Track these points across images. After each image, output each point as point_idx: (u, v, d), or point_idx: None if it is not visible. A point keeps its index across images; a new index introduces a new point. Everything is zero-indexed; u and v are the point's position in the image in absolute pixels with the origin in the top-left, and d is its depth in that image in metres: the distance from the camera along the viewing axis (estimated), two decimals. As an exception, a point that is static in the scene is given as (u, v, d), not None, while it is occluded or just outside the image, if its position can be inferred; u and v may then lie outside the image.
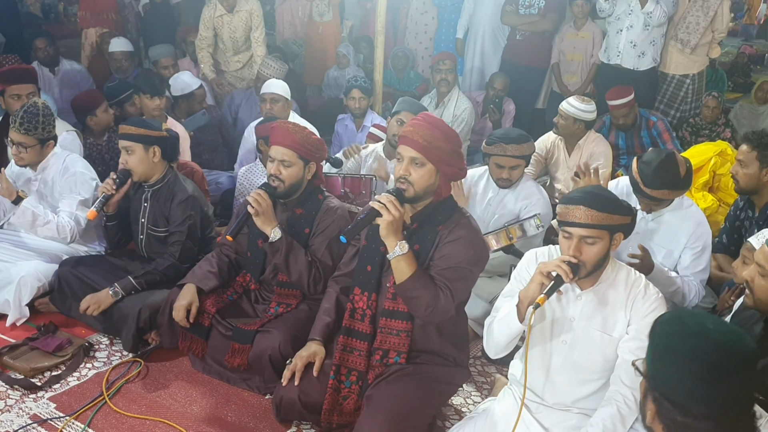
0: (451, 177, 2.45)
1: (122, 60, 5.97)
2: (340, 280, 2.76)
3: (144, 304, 3.16)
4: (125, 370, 3.05)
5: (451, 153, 2.38)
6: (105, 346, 3.25)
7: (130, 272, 3.34)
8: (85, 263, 3.48)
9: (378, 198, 2.32)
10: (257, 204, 2.78)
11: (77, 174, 3.58)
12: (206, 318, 3.00)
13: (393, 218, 2.28)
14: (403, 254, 2.32)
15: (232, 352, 2.91)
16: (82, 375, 3.02)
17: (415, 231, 2.44)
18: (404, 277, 2.34)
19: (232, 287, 3.15)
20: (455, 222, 2.44)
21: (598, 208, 2.08)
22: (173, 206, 3.38)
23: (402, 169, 2.37)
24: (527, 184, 3.58)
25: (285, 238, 2.86)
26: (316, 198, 3.06)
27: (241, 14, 5.94)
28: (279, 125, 2.98)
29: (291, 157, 2.90)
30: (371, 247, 2.50)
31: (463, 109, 5.41)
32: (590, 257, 2.11)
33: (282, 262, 2.88)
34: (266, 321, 2.94)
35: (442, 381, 2.55)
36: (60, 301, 3.45)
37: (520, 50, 6.13)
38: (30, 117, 3.43)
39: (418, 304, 2.35)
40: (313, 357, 2.60)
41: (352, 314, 2.56)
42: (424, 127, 2.36)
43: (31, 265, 3.47)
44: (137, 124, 3.34)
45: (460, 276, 2.39)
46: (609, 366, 2.18)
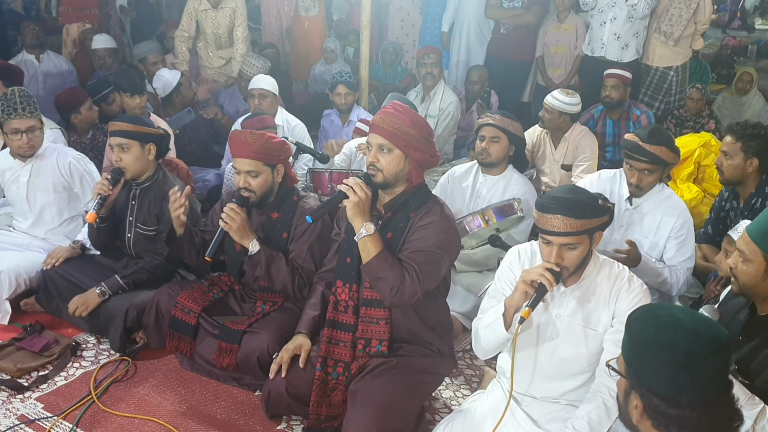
0: (422, 164, 2.47)
1: (105, 57, 5.93)
2: (325, 276, 2.77)
3: (131, 304, 3.14)
4: (113, 369, 3.04)
5: (419, 138, 2.41)
6: (92, 346, 3.23)
7: (117, 271, 3.31)
8: (71, 262, 3.45)
9: (346, 181, 2.35)
10: (231, 220, 2.76)
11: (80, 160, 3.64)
12: (192, 317, 2.98)
13: (359, 199, 2.32)
14: (369, 235, 2.34)
15: (220, 352, 2.91)
16: (70, 375, 3.00)
17: (389, 219, 2.47)
18: (370, 256, 2.36)
19: (218, 285, 3.14)
20: (427, 208, 2.46)
21: (576, 216, 2.06)
22: (164, 205, 3.32)
23: (371, 156, 2.41)
24: (514, 176, 3.59)
25: (264, 250, 2.84)
26: (290, 200, 3.02)
27: (225, 11, 5.89)
28: (236, 136, 2.92)
29: (256, 166, 2.87)
30: (350, 239, 2.52)
31: (449, 102, 5.42)
32: (572, 262, 2.12)
33: (264, 274, 2.87)
34: (254, 320, 2.93)
35: (427, 371, 2.56)
36: (46, 301, 3.43)
37: (505, 44, 6.15)
38: (28, 98, 3.39)
39: (384, 285, 2.36)
40: (299, 349, 2.63)
41: (335, 306, 2.58)
42: (391, 114, 2.40)
43: (11, 259, 3.43)
44: (133, 121, 3.29)
45: (428, 260, 2.39)
46: (595, 359, 2.20)
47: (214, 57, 6.10)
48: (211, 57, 6.10)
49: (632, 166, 3.03)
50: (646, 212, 3.09)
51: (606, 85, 4.95)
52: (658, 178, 3.04)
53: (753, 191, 3.39)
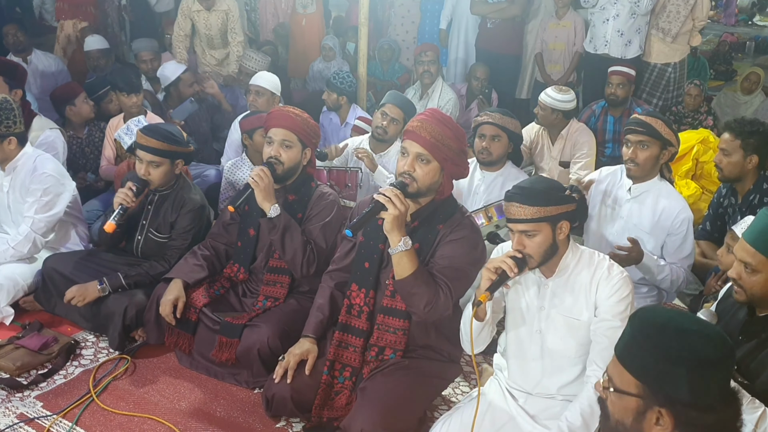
0: (454, 176, 2.45)
1: (99, 58, 5.92)
2: (334, 275, 2.73)
3: (130, 302, 3.14)
4: (112, 368, 3.04)
5: (458, 152, 2.38)
6: (91, 344, 3.23)
7: (117, 270, 3.30)
8: (71, 260, 3.44)
9: (383, 191, 2.28)
10: (259, 179, 2.79)
11: (43, 176, 3.42)
12: (193, 313, 2.98)
13: (399, 212, 2.25)
14: (407, 250, 2.29)
15: (220, 347, 2.91)
16: (69, 373, 3.00)
17: (415, 229, 2.43)
18: (406, 273, 2.32)
19: (219, 281, 3.14)
20: (456, 221, 2.43)
21: (530, 203, 2.09)
22: (181, 214, 3.33)
23: (407, 164, 2.34)
24: (512, 171, 3.59)
25: (283, 215, 2.87)
26: (308, 185, 3.08)
27: (218, 13, 5.84)
28: (279, 109, 3.00)
29: (291, 138, 2.92)
30: (369, 244, 2.49)
31: (447, 99, 5.41)
32: (533, 249, 2.12)
33: (278, 239, 2.88)
34: (254, 315, 2.94)
35: (436, 376, 2.56)
36: (45, 298, 3.43)
37: (492, 38, 6.18)
38: (7, 112, 3.32)
39: (419, 301, 2.33)
40: (306, 355, 2.58)
41: (348, 310, 2.55)
42: (432, 123, 2.33)
43: (8, 269, 3.41)
44: (167, 140, 3.21)
45: (459, 276, 2.38)
46: (584, 350, 2.21)
47: (208, 56, 6.07)
48: (206, 55, 6.09)
49: (629, 141, 3.05)
50: (646, 204, 3.09)
51: (611, 82, 4.95)
52: (655, 156, 3.03)
53: (751, 188, 3.39)
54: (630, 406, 1.44)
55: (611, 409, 1.49)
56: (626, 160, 3.08)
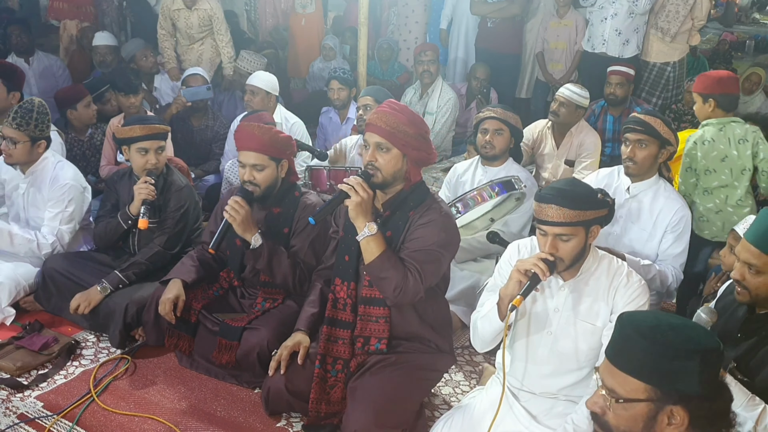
0: (419, 162, 2.47)
1: (106, 54, 5.91)
2: (323, 273, 2.77)
3: (131, 300, 3.14)
4: (113, 367, 3.04)
5: (416, 137, 2.41)
6: (92, 344, 3.23)
7: (115, 267, 3.31)
8: (70, 260, 3.45)
9: (346, 180, 2.35)
10: (235, 213, 2.76)
11: (67, 186, 3.49)
12: (192, 314, 2.98)
13: (361, 199, 2.32)
14: (372, 235, 2.35)
15: (220, 349, 2.90)
16: (69, 373, 3.00)
17: (387, 218, 2.47)
18: (373, 256, 2.37)
19: (218, 282, 3.13)
20: (426, 206, 2.46)
21: (570, 206, 2.08)
22: (169, 196, 3.36)
23: (368, 155, 2.40)
24: (514, 166, 3.64)
25: (266, 243, 2.85)
26: (292, 195, 3.03)
27: (199, 12, 5.79)
28: (243, 129, 2.91)
29: (262, 160, 2.87)
30: (348, 237, 2.52)
31: (447, 99, 5.42)
32: (566, 253, 2.12)
33: (265, 266, 2.88)
34: (253, 317, 2.93)
35: (426, 368, 2.56)
36: (45, 299, 3.43)
37: (493, 37, 6.20)
38: (24, 112, 3.38)
39: (387, 285, 2.37)
40: (297, 346, 2.63)
41: (334, 304, 2.58)
42: (388, 113, 2.39)
43: (8, 269, 3.41)
44: (155, 120, 3.38)
45: (429, 258, 2.41)
46: (593, 355, 2.20)
47: (189, 51, 5.99)
48: (186, 52, 6.01)
49: (627, 139, 3.05)
50: (645, 204, 3.09)
51: (610, 82, 4.95)
52: (653, 155, 3.03)
53: None
54: (640, 413, 1.41)
55: (615, 423, 1.45)
56: (625, 159, 3.08)
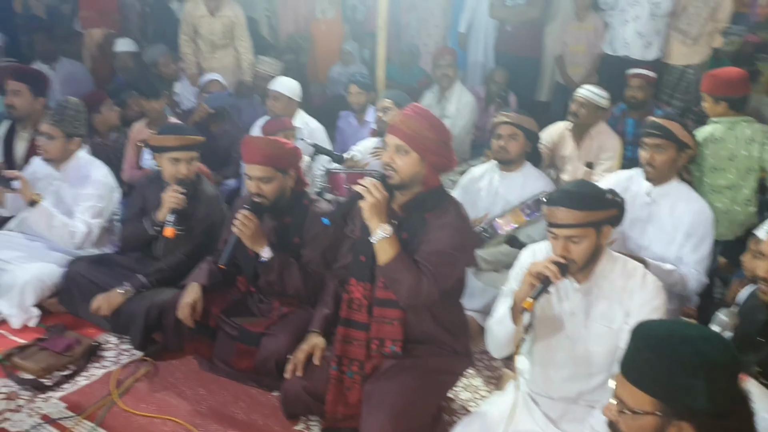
0: (438, 167, 2.47)
1: (127, 59, 5.99)
2: (338, 273, 2.78)
3: (152, 303, 3.17)
4: (134, 369, 3.07)
5: (437, 142, 2.41)
6: (114, 346, 3.27)
7: (137, 271, 3.35)
8: (93, 263, 3.50)
9: (361, 181, 2.36)
10: (243, 227, 2.80)
11: (98, 183, 3.61)
12: (212, 318, 3.00)
13: (375, 200, 2.32)
14: (386, 237, 2.35)
15: (239, 354, 2.92)
16: (92, 374, 3.04)
17: (404, 220, 2.47)
18: (387, 258, 2.37)
19: (236, 287, 3.15)
20: (443, 209, 2.46)
21: (578, 207, 2.08)
22: (198, 204, 3.37)
23: (387, 156, 2.41)
24: (532, 171, 3.61)
25: (277, 256, 2.86)
26: (301, 204, 3.03)
27: (222, 19, 5.84)
28: (249, 142, 2.94)
29: (268, 172, 2.89)
30: (364, 237, 2.52)
31: (466, 103, 5.42)
32: (578, 255, 2.12)
33: (277, 279, 2.90)
34: (272, 322, 2.95)
35: (441, 371, 2.56)
36: (68, 301, 3.48)
37: (511, 41, 6.18)
38: (60, 109, 3.54)
39: (401, 286, 2.37)
40: (313, 349, 2.65)
41: (349, 305, 2.58)
42: (410, 116, 2.40)
43: (35, 268, 3.48)
44: (187, 131, 3.38)
45: (444, 261, 2.40)
46: (611, 359, 2.18)
47: (211, 58, 6.02)
48: (209, 59, 6.03)
49: (646, 144, 3.03)
50: (665, 207, 3.06)
51: (631, 85, 4.91)
52: (672, 159, 3.01)
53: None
54: (647, 425, 1.40)
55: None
56: (644, 164, 3.06)
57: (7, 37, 6.02)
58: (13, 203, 3.71)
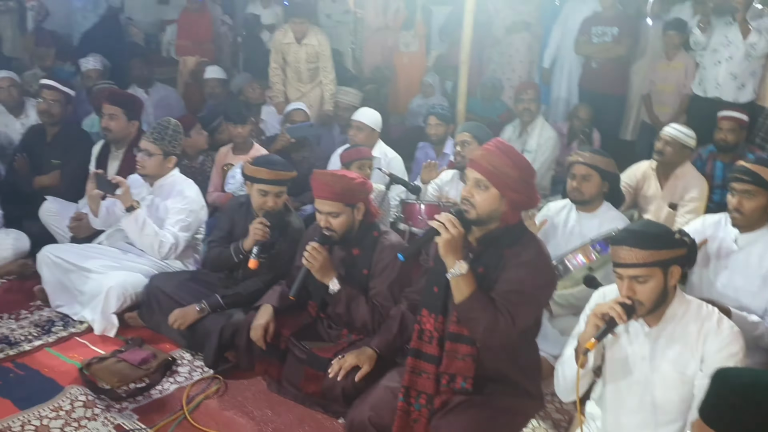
0: (518, 205, 2.40)
1: (216, 87, 6.23)
2: (409, 296, 2.77)
3: (227, 323, 3.24)
4: (205, 386, 3.14)
5: (518, 180, 2.35)
6: (187, 362, 3.35)
7: (216, 290, 3.44)
8: (174, 280, 3.61)
9: (437, 216, 2.31)
10: (313, 259, 2.84)
11: (189, 199, 3.75)
12: (282, 341, 3.04)
13: (451, 237, 2.26)
14: (462, 274, 2.28)
15: (307, 378, 2.93)
16: (164, 389, 3.12)
17: (480, 253, 2.40)
18: (462, 296, 2.30)
19: (307, 311, 3.18)
20: (523, 246, 2.37)
21: (641, 247, 2.02)
22: (283, 236, 3.42)
23: (466, 190, 2.37)
24: (610, 213, 3.48)
25: (344, 288, 2.88)
26: (371, 235, 3.04)
27: (307, 48, 5.98)
28: (318, 178, 2.99)
29: (337, 207, 2.92)
30: (438, 269, 2.47)
31: (547, 138, 5.35)
32: (645, 296, 2.05)
33: (344, 311, 2.91)
34: (340, 348, 2.95)
35: (512, 412, 2.48)
36: (147, 316, 3.60)
37: (597, 78, 6.09)
38: (161, 128, 3.73)
39: (476, 325, 2.30)
40: (362, 361, 2.69)
41: (420, 336, 2.53)
42: (492, 152, 2.35)
43: (120, 276, 3.63)
44: (282, 168, 3.40)
45: (523, 300, 2.32)
46: (686, 407, 2.09)
47: (294, 89, 6.17)
48: (293, 89, 6.18)
49: (734, 189, 2.89)
50: (754, 256, 2.91)
51: (721, 127, 4.72)
52: (762, 206, 2.85)
53: None
54: None
55: None
56: (731, 210, 2.92)
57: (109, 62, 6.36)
58: (104, 217, 3.88)
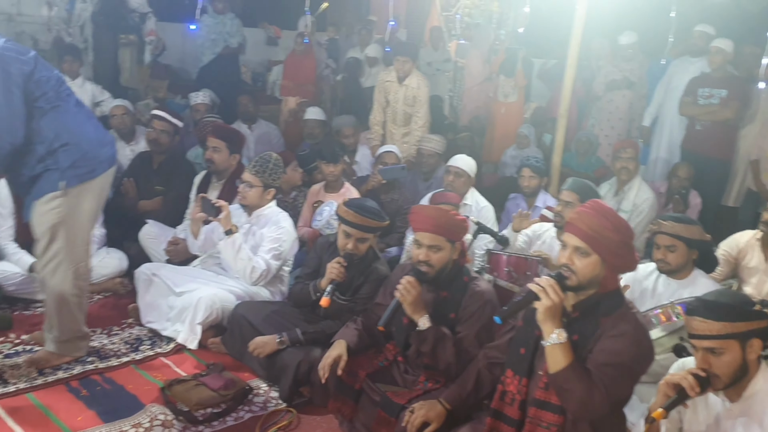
0: (618, 269, 2.31)
1: (314, 127, 6.42)
2: (489, 353, 2.68)
3: (304, 358, 3.28)
4: (278, 418, 3.16)
5: (619, 245, 2.26)
6: (263, 392, 3.39)
7: (298, 324, 3.49)
8: (258, 310, 3.68)
9: (538, 281, 2.24)
10: (407, 291, 2.81)
11: (284, 230, 3.90)
12: (357, 381, 3.03)
13: (552, 303, 2.18)
14: (560, 343, 2.20)
15: (379, 421, 2.90)
16: (239, 416, 3.17)
17: (575, 320, 2.31)
18: (558, 367, 2.21)
19: (383, 353, 3.16)
20: (620, 315, 2.26)
21: (715, 318, 1.95)
22: (368, 282, 3.46)
23: (565, 257, 2.29)
24: (701, 280, 3.28)
25: (433, 328, 2.84)
26: (461, 280, 3.00)
27: (407, 89, 6.04)
28: (421, 211, 2.99)
29: (439, 241, 2.90)
30: (527, 329, 2.40)
31: (644, 199, 5.18)
32: (721, 369, 1.96)
33: (429, 351, 2.86)
34: (414, 395, 2.91)
35: None
36: (230, 343, 3.69)
37: (701, 140, 5.87)
38: (262, 162, 3.93)
39: (570, 397, 2.20)
40: (433, 418, 2.61)
41: (501, 397, 2.45)
42: (591, 215, 2.27)
43: (211, 290, 3.78)
44: (372, 216, 3.40)
45: (619, 374, 2.20)
46: None
47: (393, 130, 6.20)
48: (391, 130, 6.23)
49: None
50: None
51: None
52: None
53: None
54: None
55: None
56: None
57: (219, 97, 6.70)
58: (202, 242, 4.07)
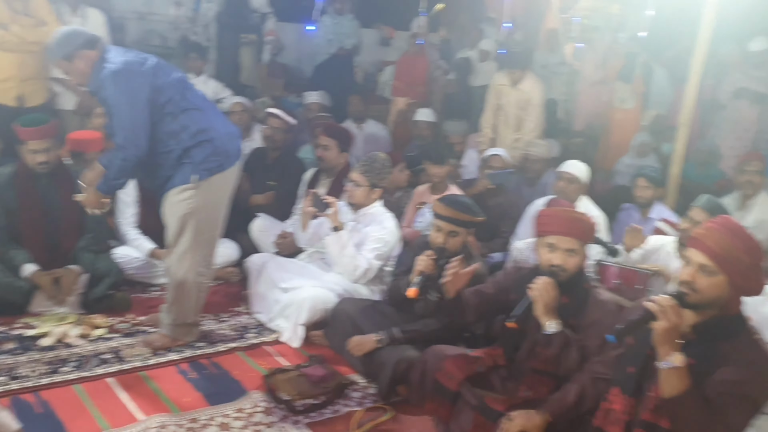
0: (744, 292, 2.16)
1: (424, 129, 6.44)
2: (593, 367, 2.58)
3: (402, 357, 3.29)
4: (375, 415, 3.19)
5: (750, 267, 2.11)
6: (361, 388, 3.44)
7: (397, 323, 3.51)
8: (360, 307, 3.74)
9: (656, 299, 2.10)
10: (545, 292, 2.69)
11: (388, 230, 3.99)
12: (455, 383, 3.00)
13: (671, 325, 2.05)
14: (677, 367, 2.06)
15: (475, 425, 2.84)
16: (337, 409, 3.22)
17: (692, 343, 2.16)
18: (674, 392, 2.07)
19: (483, 358, 3.11)
20: (744, 342, 2.12)
21: None
22: None
23: (688, 274, 2.15)
24: None
25: (563, 333, 2.72)
26: (581, 287, 2.88)
27: (519, 93, 5.94)
28: (556, 214, 2.89)
29: (575, 244, 2.79)
30: (638, 348, 2.28)
31: (771, 215, 4.85)
32: None
33: (554, 356, 2.76)
34: (514, 403, 2.84)
35: None
36: (331, 335, 3.77)
37: None
38: (370, 161, 4.06)
39: (686, 425, 2.07)
40: (530, 429, 2.52)
41: (606, 415, 2.34)
42: (721, 233, 2.13)
43: (314, 290, 3.88)
44: (462, 208, 3.43)
45: (741, 405, 2.06)
46: None
47: (503, 135, 6.11)
48: (503, 136, 6.14)
49: None
50: None
51: None
52: None
53: None
54: None
55: None
56: None
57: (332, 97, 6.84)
58: (310, 236, 4.20)
